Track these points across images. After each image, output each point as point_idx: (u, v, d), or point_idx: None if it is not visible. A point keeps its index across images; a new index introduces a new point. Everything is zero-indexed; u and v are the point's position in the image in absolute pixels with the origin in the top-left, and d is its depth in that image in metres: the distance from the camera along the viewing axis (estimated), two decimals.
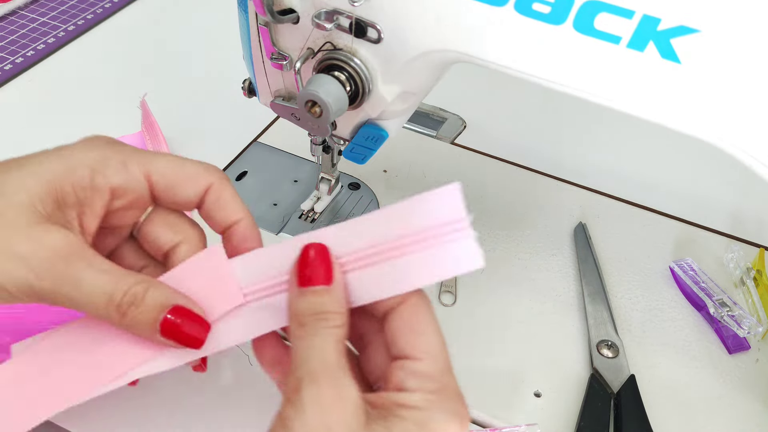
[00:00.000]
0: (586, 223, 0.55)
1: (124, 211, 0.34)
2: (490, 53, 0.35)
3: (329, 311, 0.29)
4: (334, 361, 0.28)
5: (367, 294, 0.31)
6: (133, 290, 0.31)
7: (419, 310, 0.30)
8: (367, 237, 0.31)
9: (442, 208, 0.30)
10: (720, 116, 0.32)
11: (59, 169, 0.31)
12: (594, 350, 0.46)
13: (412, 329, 0.30)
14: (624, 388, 0.43)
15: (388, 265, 0.30)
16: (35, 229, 0.30)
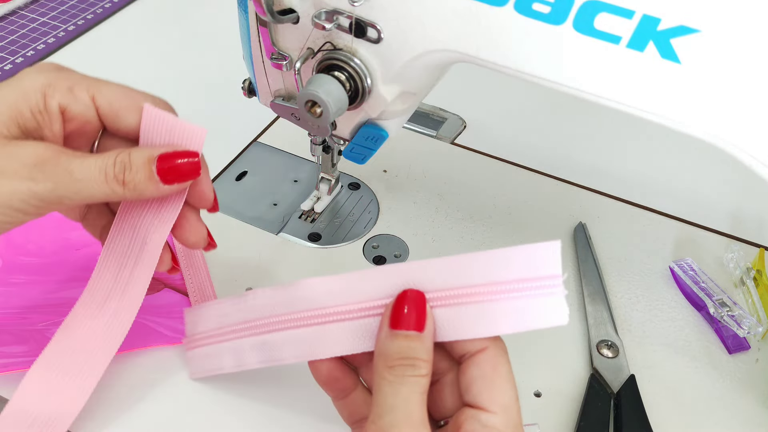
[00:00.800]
0: (585, 223, 0.55)
1: (78, 136, 0.36)
2: (490, 53, 0.35)
3: (418, 358, 0.30)
4: (418, 416, 0.29)
5: (449, 332, 0.31)
6: (119, 157, 0.33)
7: (498, 362, 0.30)
8: (461, 277, 0.31)
9: (541, 261, 0.31)
10: (720, 116, 0.32)
11: (14, 96, 0.33)
12: (594, 350, 0.46)
13: (490, 381, 0.30)
14: (624, 388, 0.43)
15: (475, 308, 0.31)
16: (10, 146, 0.32)
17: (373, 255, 0.52)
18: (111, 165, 0.33)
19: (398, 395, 0.29)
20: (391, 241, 0.53)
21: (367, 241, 0.53)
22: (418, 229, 0.54)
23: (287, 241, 0.52)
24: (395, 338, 0.30)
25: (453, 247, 0.52)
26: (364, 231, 0.53)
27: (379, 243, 0.53)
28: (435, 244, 0.53)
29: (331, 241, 0.52)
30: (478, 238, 0.53)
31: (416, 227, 0.54)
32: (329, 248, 0.52)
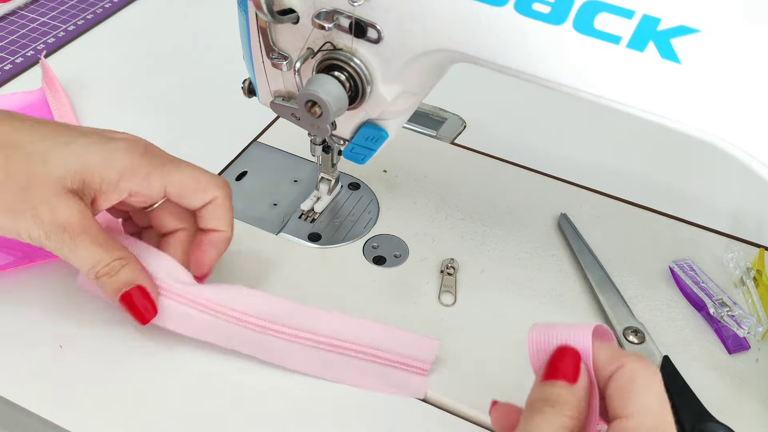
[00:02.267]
0: (570, 216, 0.55)
1: (138, 203, 0.42)
2: (490, 53, 0.35)
3: (562, 401, 0.30)
4: None
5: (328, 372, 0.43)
6: (112, 264, 0.39)
7: (635, 375, 0.30)
8: (358, 335, 0.43)
9: (420, 349, 0.43)
10: (720, 116, 0.32)
11: (96, 162, 0.38)
12: (622, 339, 0.46)
13: (624, 390, 0.30)
14: (664, 371, 0.43)
15: (357, 362, 0.42)
16: (59, 199, 0.37)
17: (373, 255, 0.52)
18: (103, 265, 0.39)
19: (532, 422, 0.29)
20: (391, 241, 0.53)
21: (367, 241, 0.53)
22: (418, 229, 0.54)
23: (287, 241, 0.52)
24: (543, 386, 0.31)
25: (453, 247, 0.52)
26: (364, 231, 0.53)
27: (379, 243, 0.53)
28: (435, 244, 0.53)
29: (331, 241, 0.52)
30: (478, 238, 0.53)
31: (416, 227, 0.54)
32: (329, 248, 0.52)
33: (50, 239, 0.37)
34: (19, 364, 0.42)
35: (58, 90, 0.63)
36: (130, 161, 0.39)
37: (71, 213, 0.37)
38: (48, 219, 0.37)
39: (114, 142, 0.39)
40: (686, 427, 0.41)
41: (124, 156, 0.39)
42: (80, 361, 0.43)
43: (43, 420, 0.40)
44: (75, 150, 0.38)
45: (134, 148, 0.40)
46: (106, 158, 0.38)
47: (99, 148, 0.38)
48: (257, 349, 0.43)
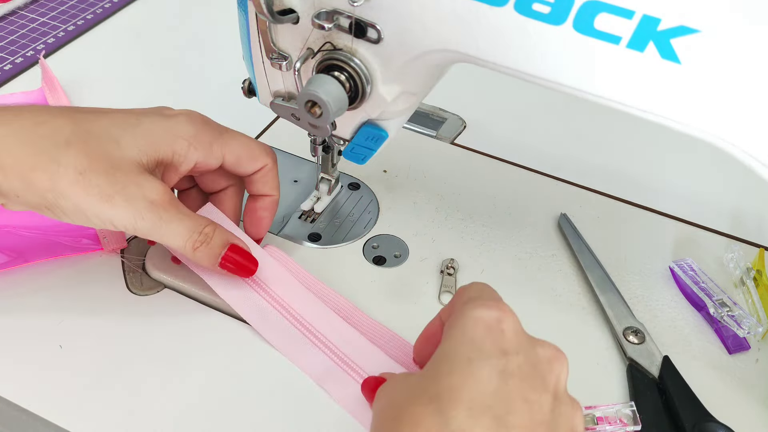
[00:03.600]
0: (570, 216, 0.55)
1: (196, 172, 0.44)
2: (490, 53, 0.35)
3: None
4: None
5: None
6: (206, 230, 0.41)
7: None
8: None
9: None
10: (720, 116, 0.32)
11: (164, 137, 0.40)
12: (622, 339, 0.46)
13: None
14: (664, 372, 0.43)
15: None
16: (140, 177, 0.38)
17: (373, 255, 0.52)
18: (197, 234, 0.40)
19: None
20: (391, 241, 0.53)
21: (367, 241, 0.53)
22: (418, 229, 0.54)
23: (287, 242, 0.52)
24: None
25: (453, 247, 0.52)
26: (364, 231, 0.53)
27: (379, 243, 0.53)
28: (435, 244, 0.53)
29: (331, 242, 0.52)
30: (478, 238, 0.53)
31: (416, 227, 0.54)
32: (329, 248, 0.52)
33: (144, 218, 0.38)
34: (19, 364, 0.42)
35: (57, 90, 0.63)
36: (194, 131, 0.41)
37: (156, 189, 0.38)
38: (139, 197, 0.38)
39: (175, 117, 0.41)
40: (686, 427, 0.41)
41: (188, 127, 0.41)
42: (80, 361, 0.43)
43: (43, 420, 0.40)
44: (143, 130, 0.39)
45: (195, 119, 0.42)
46: (173, 132, 0.40)
47: (163, 124, 0.40)
48: (284, 342, 0.44)
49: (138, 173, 0.38)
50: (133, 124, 0.39)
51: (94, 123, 0.38)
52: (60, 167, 0.36)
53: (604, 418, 0.40)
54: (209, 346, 0.44)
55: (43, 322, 0.45)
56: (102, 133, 0.38)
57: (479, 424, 0.29)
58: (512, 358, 0.31)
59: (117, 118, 0.39)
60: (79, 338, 0.44)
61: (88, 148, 0.37)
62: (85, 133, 0.37)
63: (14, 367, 0.42)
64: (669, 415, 0.42)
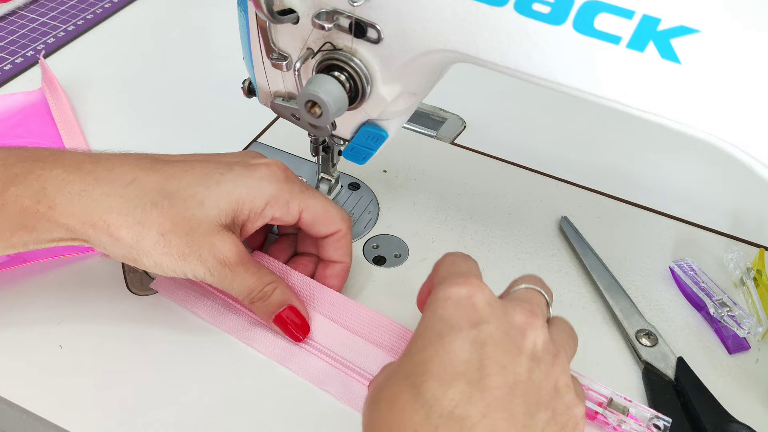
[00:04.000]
0: (570, 216, 0.55)
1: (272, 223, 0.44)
2: (490, 53, 0.35)
3: None
4: None
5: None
6: (265, 289, 0.42)
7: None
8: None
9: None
10: (720, 116, 0.32)
11: (245, 196, 0.41)
12: (635, 342, 0.46)
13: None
14: (679, 373, 0.43)
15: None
16: (216, 237, 0.40)
17: (373, 255, 0.52)
18: (258, 291, 0.42)
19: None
20: (391, 241, 0.53)
21: (367, 241, 0.53)
22: (418, 229, 0.54)
23: None
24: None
25: (453, 247, 0.52)
26: (364, 231, 0.53)
27: (379, 243, 0.52)
28: (435, 244, 0.53)
29: None
30: (478, 238, 0.53)
31: (416, 227, 0.54)
32: None
33: (213, 275, 0.41)
34: (19, 365, 0.42)
35: (57, 90, 0.63)
36: (274, 190, 0.42)
37: (228, 248, 0.40)
38: (211, 257, 0.40)
39: (257, 172, 0.42)
40: (708, 429, 0.41)
41: (269, 186, 0.42)
42: (80, 361, 0.43)
43: (43, 420, 0.40)
44: (225, 189, 0.41)
45: (276, 175, 0.43)
46: (254, 190, 0.41)
47: (246, 182, 0.41)
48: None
49: (215, 233, 0.40)
50: (217, 182, 0.41)
51: (179, 181, 0.40)
52: (144, 229, 0.39)
53: (636, 417, 0.40)
54: (209, 345, 0.44)
55: (43, 322, 0.45)
56: (186, 193, 0.40)
57: (453, 390, 0.30)
58: (483, 327, 0.32)
59: (201, 174, 0.41)
60: (79, 338, 0.44)
61: (172, 210, 0.39)
62: (170, 194, 0.40)
63: (14, 367, 0.42)
64: (689, 418, 0.42)
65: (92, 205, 0.38)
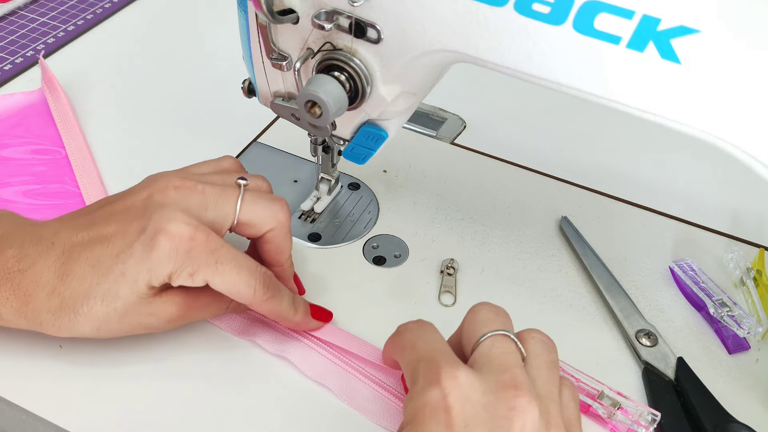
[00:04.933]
0: (570, 216, 0.55)
1: None
2: (490, 53, 0.35)
3: None
4: None
5: None
6: (230, 306, 0.44)
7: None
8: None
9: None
10: (720, 116, 0.32)
11: (150, 276, 0.39)
12: (635, 342, 0.46)
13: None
14: (679, 373, 0.43)
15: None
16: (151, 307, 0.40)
17: (373, 255, 0.52)
18: (223, 310, 0.44)
19: None
20: (391, 241, 0.53)
21: (367, 241, 0.53)
22: (418, 229, 0.54)
23: None
24: None
25: (453, 247, 0.52)
26: (364, 231, 0.53)
27: (379, 243, 0.52)
28: (435, 244, 0.53)
29: (331, 242, 0.52)
30: (478, 238, 0.53)
31: (416, 227, 0.54)
32: (329, 248, 0.52)
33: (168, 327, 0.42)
34: (19, 365, 0.42)
35: (57, 90, 0.63)
36: (173, 267, 0.39)
37: (169, 309, 0.41)
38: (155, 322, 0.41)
39: (155, 251, 0.38)
40: (708, 429, 0.41)
41: (168, 264, 0.38)
42: (80, 361, 0.43)
43: (43, 420, 0.40)
44: (132, 276, 0.38)
45: (176, 248, 0.38)
46: (157, 269, 0.38)
47: (147, 265, 0.38)
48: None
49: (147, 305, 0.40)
50: (121, 272, 0.39)
51: (89, 282, 0.39)
52: (77, 331, 0.40)
53: (626, 411, 0.40)
54: (209, 344, 0.44)
55: None
56: (100, 292, 0.39)
57: None
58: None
59: (105, 269, 0.39)
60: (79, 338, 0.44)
61: (95, 312, 0.39)
62: (86, 298, 0.39)
63: (14, 367, 0.42)
64: (689, 418, 0.42)
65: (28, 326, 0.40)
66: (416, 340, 0.36)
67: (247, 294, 0.40)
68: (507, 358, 0.33)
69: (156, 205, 0.40)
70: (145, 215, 0.40)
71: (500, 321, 0.36)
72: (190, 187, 0.41)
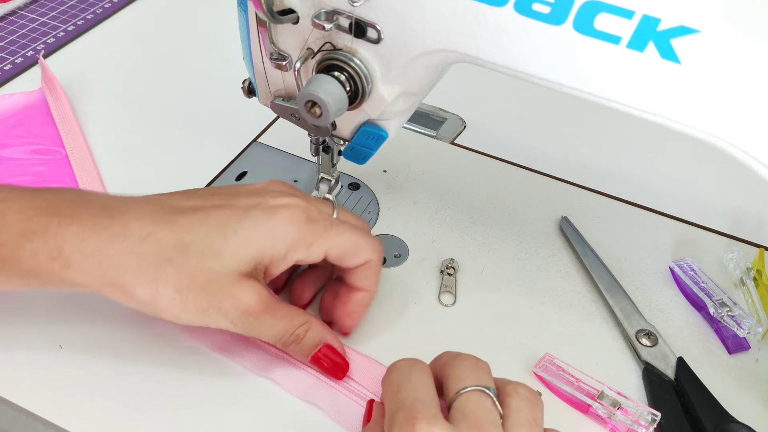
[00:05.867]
0: (570, 216, 0.55)
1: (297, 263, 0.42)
2: (490, 53, 0.35)
3: None
4: None
5: None
6: (297, 332, 0.41)
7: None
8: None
9: None
10: (720, 116, 0.32)
11: (264, 244, 0.39)
12: (635, 341, 0.46)
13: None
14: (679, 373, 0.43)
15: None
16: (236, 287, 0.38)
17: None
18: (288, 334, 0.41)
19: None
20: (391, 241, 0.53)
21: None
22: (418, 229, 0.54)
23: None
24: None
25: (453, 247, 0.52)
26: None
27: None
28: (435, 244, 0.53)
29: None
30: (478, 238, 0.53)
31: (416, 227, 0.54)
32: None
33: (236, 325, 0.39)
34: (19, 365, 0.42)
35: (57, 90, 0.63)
36: (295, 234, 0.40)
37: (250, 297, 0.39)
38: (232, 309, 0.38)
39: (276, 216, 0.40)
40: (708, 429, 0.41)
41: (289, 230, 0.40)
42: (80, 361, 0.43)
43: (43, 420, 0.40)
44: (243, 238, 0.39)
45: (297, 217, 0.40)
46: (274, 237, 0.39)
47: (265, 228, 0.39)
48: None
49: (234, 283, 0.38)
50: (233, 231, 0.39)
51: (195, 233, 0.39)
52: (159, 286, 0.38)
53: (626, 411, 0.40)
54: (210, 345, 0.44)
55: (43, 322, 0.45)
56: (202, 245, 0.38)
57: None
58: None
59: (217, 224, 0.39)
60: (79, 338, 0.44)
61: (188, 265, 0.38)
62: (185, 248, 0.38)
63: (14, 367, 0.42)
64: (689, 418, 0.42)
65: (106, 264, 0.37)
66: (402, 383, 0.35)
67: (366, 252, 0.42)
68: (481, 415, 0.33)
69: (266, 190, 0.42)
70: (258, 195, 0.41)
71: (477, 376, 0.35)
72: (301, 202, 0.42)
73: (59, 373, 0.42)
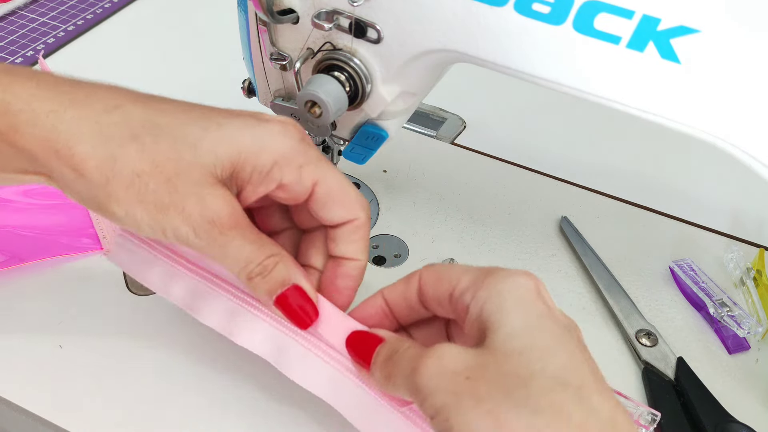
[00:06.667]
0: (570, 216, 0.55)
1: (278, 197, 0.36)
2: (490, 53, 0.35)
3: None
4: None
5: None
6: (265, 263, 0.34)
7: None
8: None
9: None
10: (720, 116, 0.32)
11: (249, 147, 0.33)
12: (635, 342, 0.46)
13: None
14: (679, 373, 0.43)
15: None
16: (207, 189, 0.32)
17: (373, 255, 0.51)
18: (256, 263, 0.34)
19: None
20: (391, 241, 0.53)
21: None
22: (418, 229, 0.54)
23: None
24: None
25: (453, 247, 0.52)
26: None
27: (379, 243, 0.52)
28: (435, 244, 0.53)
29: None
30: (478, 238, 0.53)
31: (416, 227, 0.54)
32: None
33: (199, 236, 0.33)
34: (19, 364, 0.42)
35: None
36: (285, 147, 0.34)
37: (221, 206, 0.33)
38: (196, 213, 0.32)
39: (269, 124, 0.34)
40: (708, 429, 0.41)
41: (279, 140, 0.34)
42: (80, 361, 0.43)
43: (43, 420, 0.40)
44: (227, 133, 0.33)
45: (290, 132, 0.34)
46: (261, 142, 0.33)
47: (253, 131, 0.33)
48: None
49: (205, 185, 0.32)
50: (217, 125, 0.33)
51: (172, 117, 0.33)
52: (116, 164, 0.31)
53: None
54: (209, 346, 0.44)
55: (43, 322, 0.45)
56: (178, 131, 0.33)
57: None
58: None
59: (201, 114, 0.34)
60: (79, 338, 0.44)
61: (156, 148, 0.32)
62: (157, 128, 0.32)
63: (14, 367, 0.42)
64: (689, 418, 0.42)
65: (59, 128, 0.31)
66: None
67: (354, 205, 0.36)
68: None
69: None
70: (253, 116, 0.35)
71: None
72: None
73: (59, 372, 0.42)
